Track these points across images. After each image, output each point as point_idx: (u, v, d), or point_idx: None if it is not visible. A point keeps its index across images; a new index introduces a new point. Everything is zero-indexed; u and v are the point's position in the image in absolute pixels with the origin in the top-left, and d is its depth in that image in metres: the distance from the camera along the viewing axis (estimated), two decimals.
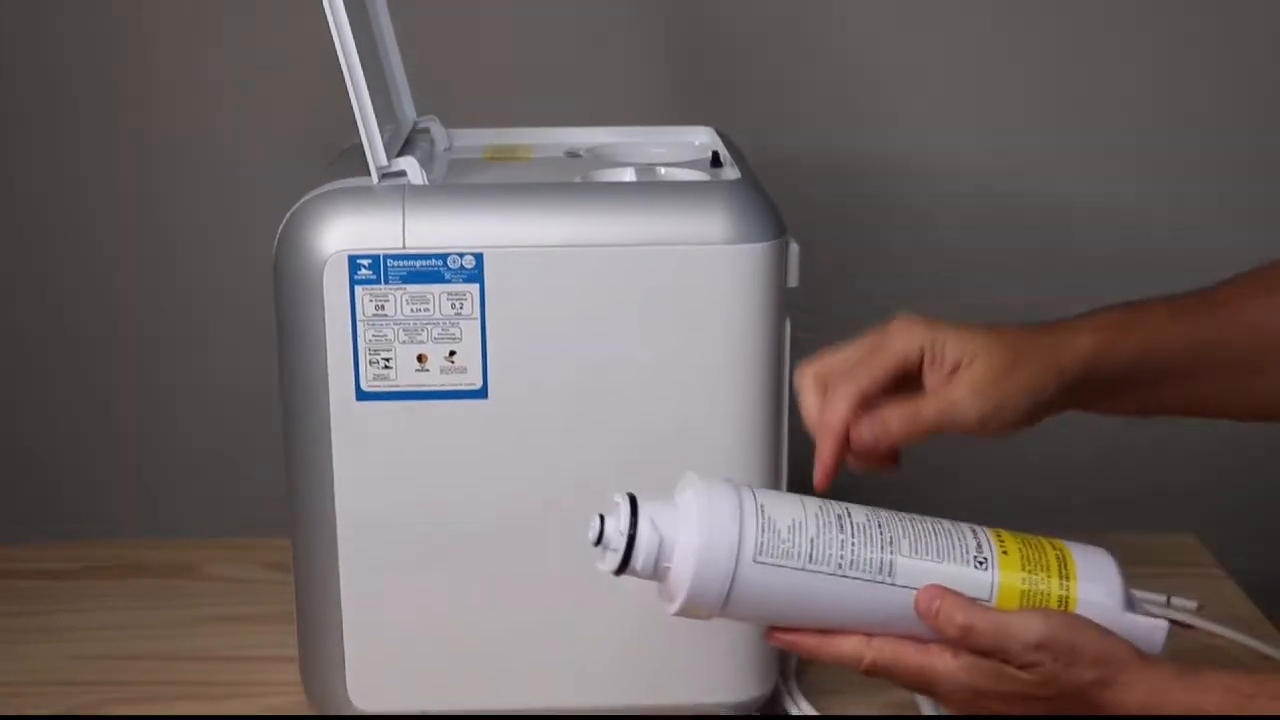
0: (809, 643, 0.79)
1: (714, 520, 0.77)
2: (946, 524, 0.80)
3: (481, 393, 0.92)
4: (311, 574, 0.96)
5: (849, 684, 1.04)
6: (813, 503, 0.79)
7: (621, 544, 0.77)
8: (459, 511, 0.94)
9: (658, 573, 0.78)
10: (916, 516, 0.80)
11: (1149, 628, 0.78)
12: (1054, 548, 0.80)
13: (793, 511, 0.78)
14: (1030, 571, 0.78)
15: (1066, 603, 0.78)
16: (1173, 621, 1.13)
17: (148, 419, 1.43)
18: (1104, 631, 0.76)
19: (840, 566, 0.77)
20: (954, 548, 0.78)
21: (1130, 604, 0.79)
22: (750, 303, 0.92)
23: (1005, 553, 0.79)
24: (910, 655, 0.77)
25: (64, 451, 1.44)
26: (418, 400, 0.92)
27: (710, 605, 0.77)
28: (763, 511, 0.77)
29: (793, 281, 0.94)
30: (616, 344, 0.92)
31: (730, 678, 0.99)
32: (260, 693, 1.06)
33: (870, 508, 0.80)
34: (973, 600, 0.77)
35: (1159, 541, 1.27)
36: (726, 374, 0.93)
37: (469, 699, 0.98)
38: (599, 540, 0.78)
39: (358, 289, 0.90)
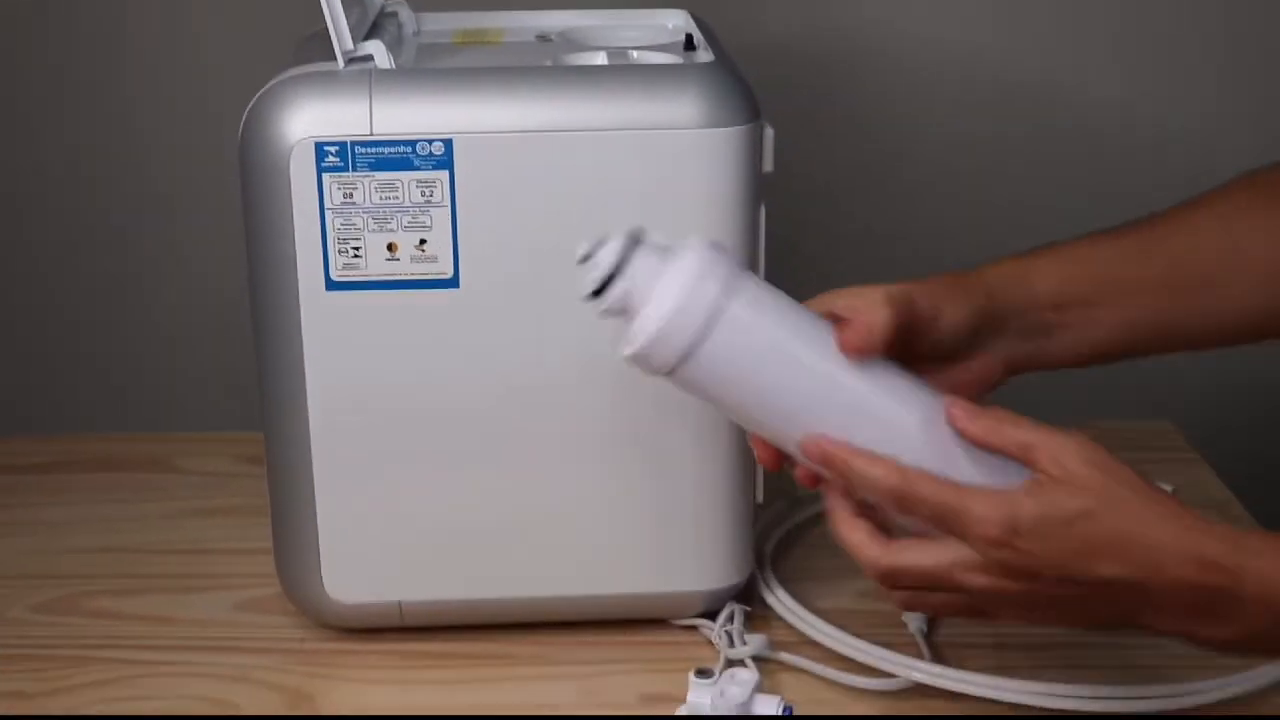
0: (842, 453, 0.77)
1: (714, 253, 0.79)
2: None
3: (453, 282, 0.91)
4: (284, 466, 0.95)
5: (822, 571, 1.04)
6: None
7: (618, 248, 0.78)
8: (431, 401, 0.93)
9: (644, 293, 0.78)
10: None
11: None
12: None
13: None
14: None
15: None
16: None
17: (118, 311, 1.42)
18: None
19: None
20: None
21: None
22: (724, 188, 0.90)
23: None
24: (947, 490, 0.74)
25: (33, 345, 1.43)
26: (388, 290, 0.91)
27: (695, 325, 0.77)
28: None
29: (767, 166, 0.93)
30: (589, 230, 0.90)
31: (707, 565, 0.99)
32: (236, 585, 1.06)
33: None
34: None
35: (1137, 428, 1.28)
36: None
37: (443, 589, 0.98)
38: (588, 256, 0.79)
39: (325, 176, 0.89)
